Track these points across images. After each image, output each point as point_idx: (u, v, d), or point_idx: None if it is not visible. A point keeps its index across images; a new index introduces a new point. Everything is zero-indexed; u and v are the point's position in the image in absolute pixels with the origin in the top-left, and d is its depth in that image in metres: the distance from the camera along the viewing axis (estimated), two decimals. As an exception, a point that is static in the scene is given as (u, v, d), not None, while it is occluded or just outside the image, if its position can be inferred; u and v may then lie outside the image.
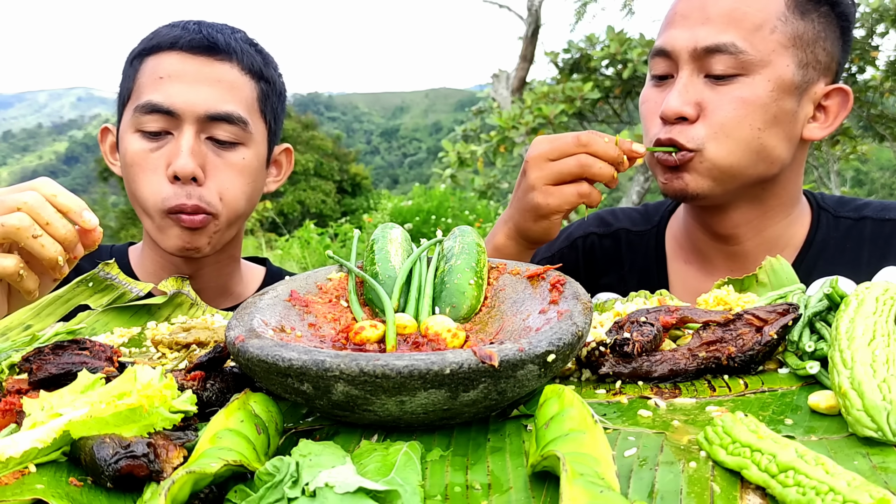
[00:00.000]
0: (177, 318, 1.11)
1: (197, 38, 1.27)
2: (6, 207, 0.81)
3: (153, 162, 1.25)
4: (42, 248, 0.81)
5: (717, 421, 0.60)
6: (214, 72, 1.28)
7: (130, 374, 0.65)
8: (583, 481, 0.49)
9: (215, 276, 1.41)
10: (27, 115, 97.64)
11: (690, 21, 1.17)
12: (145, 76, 1.27)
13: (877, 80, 7.32)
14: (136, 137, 1.26)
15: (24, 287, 0.84)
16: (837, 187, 8.84)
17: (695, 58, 1.16)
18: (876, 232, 1.27)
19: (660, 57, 1.21)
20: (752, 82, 1.15)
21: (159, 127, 1.25)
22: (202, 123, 1.26)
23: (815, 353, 0.74)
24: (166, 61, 1.27)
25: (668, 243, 1.42)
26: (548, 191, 1.12)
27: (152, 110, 1.24)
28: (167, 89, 1.24)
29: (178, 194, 1.23)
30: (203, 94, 1.25)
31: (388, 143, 71.06)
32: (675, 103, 1.16)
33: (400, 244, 0.92)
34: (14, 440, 0.59)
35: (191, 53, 1.27)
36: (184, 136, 1.24)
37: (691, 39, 1.16)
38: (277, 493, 0.51)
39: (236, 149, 1.30)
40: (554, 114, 6.43)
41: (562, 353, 0.66)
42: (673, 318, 0.81)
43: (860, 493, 0.48)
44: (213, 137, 1.27)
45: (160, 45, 1.28)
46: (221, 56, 1.29)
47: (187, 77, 1.25)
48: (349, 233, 9.20)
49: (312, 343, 0.76)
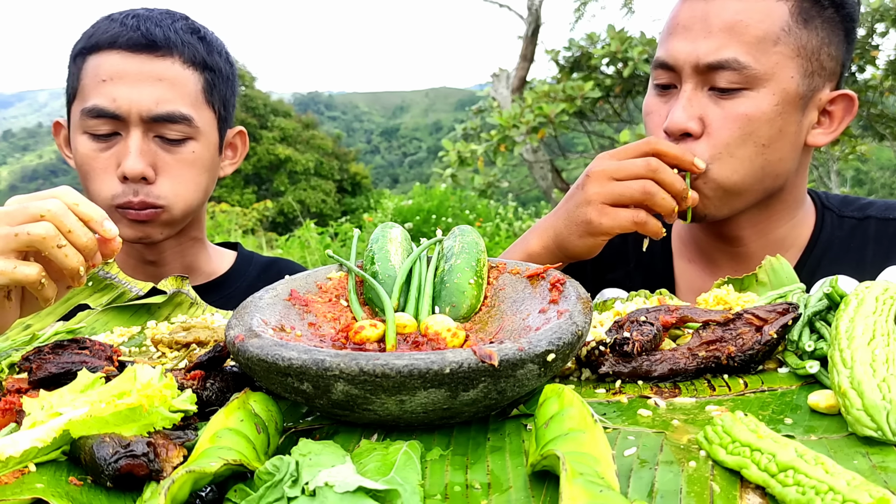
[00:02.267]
0: (177, 318, 1.11)
1: (135, 36, 1.27)
2: (30, 215, 0.81)
3: (103, 162, 1.27)
4: (65, 257, 0.81)
5: (716, 420, 0.60)
6: (155, 69, 1.27)
7: (130, 373, 0.66)
8: (582, 480, 0.49)
9: (179, 258, 1.44)
10: (27, 115, 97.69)
11: (693, 33, 1.14)
12: (88, 77, 1.28)
13: (877, 79, 7.31)
14: (84, 139, 1.28)
15: (43, 295, 0.84)
16: (837, 187, 8.84)
17: (698, 72, 1.13)
18: (880, 231, 1.26)
19: (662, 69, 1.18)
20: (757, 96, 1.12)
21: (107, 129, 1.27)
22: (148, 123, 1.27)
23: (815, 353, 0.74)
24: (107, 62, 1.27)
25: (674, 241, 1.40)
26: (604, 210, 1.09)
27: (98, 114, 1.25)
28: (111, 92, 1.25)
29: (125, 192, 1.26)
30: (146, 94, 1.26)
31: (388, 142, 71.07)
32: (680, 119, 1.13)
33: (400, 243, 0.92)
34: (14, 439, 0.59)
35: (131, 52, 1.27)
36: (131, 138, 1.26)
37: (693, 54, 1.13)
38: (277, 493, 0.51)
39: (185, 144, 1.31)
40: (554, 113, 6.42)
41: (561, 352, 0.66)
42: (673, 318, 0.81)
43: (860, 492, 0.48)
44: (161, 136, 1.28)
45: (99, 44, 1.28)
46: (162, 52, 1.28)
47: (129, 77, 1.26)
48: (349, 232, 9.20)
49: (312, 342, 0.76)
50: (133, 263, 1.40)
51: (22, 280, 0.80)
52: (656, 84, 1.21)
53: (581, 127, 7.90)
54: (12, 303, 0.89)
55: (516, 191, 11.37)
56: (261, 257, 1.61)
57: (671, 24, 1.19)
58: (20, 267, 0.80)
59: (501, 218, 9.98)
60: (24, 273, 0.80)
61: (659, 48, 1.21)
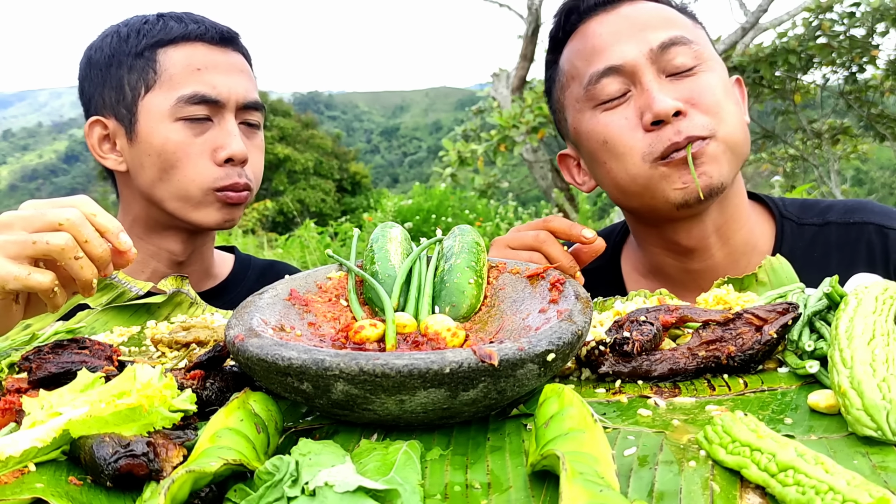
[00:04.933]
0: (176, 317, 1.11)
1: (213, 32, 1.35)
2: (48, 223, 0.81)
3: (198, 147, 1.32)
4: (81, 269, 0.82)
5: (716, 420, 0.60)
6: (236, 62, 1.38)
7: (130, 373, 0.65)
8: (582, 480, 0.49)
9: (203, 259, 1.49)
10: (27, 114, 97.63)
11: (625, 33, 1.18)
12: (178, 67, 1.32)
13: (877, 79, 7.31)
14: (177, 126, 1.31)
15: (54, 303, 0.84)
16: (837, 186, 8.83)
17: (652, 59, 1.15)
18: (842, 237, 1.24)
19: (609, 77, 1.17)
20: (712, 71, 1.17)
21: (204, 115, 1.32)
22: (240, 110, 1.36)
23: (815, 353, 0.74)
24: (197, 53, 1.33)
25: (628, 275, 1.38)
26: None
27: (200, 101, 1.31)
28: (209, 80, 1.32)
29: (229, 174, 1.33)
30: (238, 83, 1.35)
31: (388, 141, 71.03)
32: (666, 101, 1.12)
33: (399, 243, 0.92)
34: (14, 439, 0.59)
35: (214, 45, 1.35)
36: (228, 123, 1.34)
37: (642, 43, 1.15)
38: (277, 492, 0.51)
39: (259, 131, 1.43)
40: (554, 113, 6.42)
41: (561, 352, 0.66)
42: (672, 318, 0.81)
43: (860, 492, 0.48)
44: (245, 122, 1.38)
45: (186, 37, 1.33)
46: (234, 47, 1.39)
47: (220, 67, 1.34)
48: (349, 232, 9.19)
49: (312, 342, 0.76)
50: (163, 270, 1.41)
51: (35, 287, 0.80)
52: (603, 101, 1.19)
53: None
54: (19, 306, 0.89)
55: (516, 191, 11.38)
56: (258, 261, 1.63)
57: (592, 45, 1.20)
58: (34, 274, 0.80)
59: (501, 218, 9.97)
60: (38, 280, 0.80)
61: (589, 67, 1.20)
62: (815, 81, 7.69)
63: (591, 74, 1.19)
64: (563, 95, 1.28)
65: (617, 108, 1.18)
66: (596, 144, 1.21)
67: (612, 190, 1.25)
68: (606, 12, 1.22)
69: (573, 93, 1.24)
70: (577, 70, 1.23)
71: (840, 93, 7.79)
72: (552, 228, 1.10)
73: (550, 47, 1.32)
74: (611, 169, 1.21)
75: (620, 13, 1.21)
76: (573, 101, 1.25)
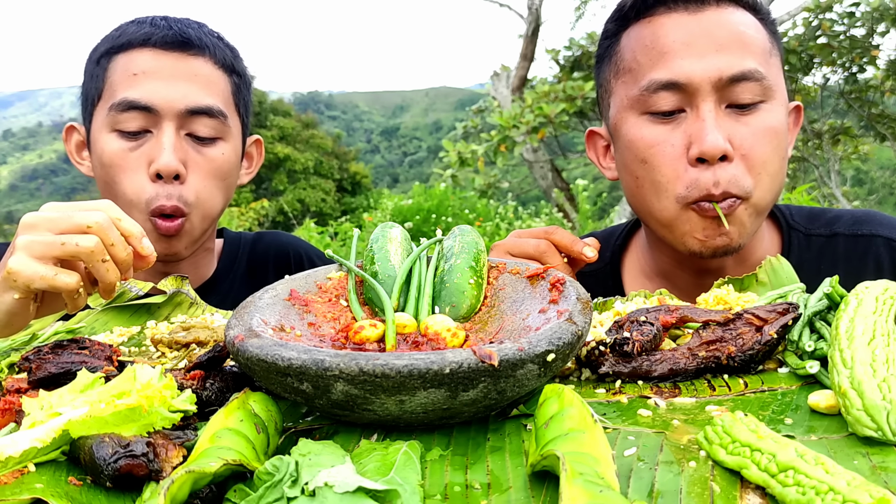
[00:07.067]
0: (176, 318, 1.10)
1: (169, 35, 1.26)
2: (75, 225, 0.81)
3: (133, 161, 1.24)
4: (107, 272, 0.82)
5: (716, 420, 0.60)
6: (190, 67, 1.26)
7: (130, 373, 0.65)
8: (582, 481, 0.49)
9: (193, 270, 1.42)
10: (27, 114, 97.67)
11: (698, 49, 1.09)
12: (117, 74, 1.26)
13: (877, 79, 7.32)
14: (112, 137, 1.25)
15: (76, 304, 0.85)
16: (838, 186, 8.83)
17: (717, 88, 1.08)
18: (849, 249, 1.22)
19: (668, 91, 1.10)
20: (772, 108, 1.10)
21: (138, 126, 1.24)
22: (182, 119, 1.25)
23: (815, 353, 0.74)
24: (139, 58, 1.25)
25: (629, 282, 1.35)
26: None
27: (129, 108, 1.23)
28: (143, 86, 1.23)
29: (160, 195, 1.23)
30: (181, 90, 1.24)
31: (388, 141, 71.08)
32: (718, 141, 1.06)
33: (399, 243, 0.92)
34: (13, 439, 0.59)
35: (164, 50, 1.26)
36: (164, 133, 1.23)
37: (712, 69, 1.07)
38: (277, 493, 0.51)
39: (216, 144, 1.29)
40: (554, 112, 6.43)
41: (561, 352, 0.66)
42: (673, 318, 0.81)
43: (860, 492, 0.48)
44: (192, 134, 1.26)
45: (131, 43, 1.27)
46: (195, 51, 1.28)
47: (163, 73, 1.24)
48: (349, 232, 9.19)
49: (312, 342, 0.76)
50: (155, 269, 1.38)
51: (61, 287, 0.81)
52: (658, 112, 1.12)
53: (581, 127, 7.89)
54: (35, 305, 0.89)
55: (516, 191, 11.38)
56: (247, 237, 1.58)
57: (663, 45, 1.12)
58: (60, 275, 0.80)
59: (501, 218, 9.97)
60: (64, 281, 0.81)
61: (653, 72, 1.12)
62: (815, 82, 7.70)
63: (651, 81, 1.11)
64: (615, 80, 1.21)
65: (665, 125, 1.12)
66: (635, 157, 1.15)
67: (634, 202, 1.20)
68: (689, 13, 1.12)
69: (625, 85, 1.17)
70: (637, 65, 1.15)
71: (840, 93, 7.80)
72: (554, 241, 1.09)
73: (614, 17, 1.22)
74: (641, 187, 1.16)
75: (702, 21, 1.11)
76: (623, 93, 1.18)
